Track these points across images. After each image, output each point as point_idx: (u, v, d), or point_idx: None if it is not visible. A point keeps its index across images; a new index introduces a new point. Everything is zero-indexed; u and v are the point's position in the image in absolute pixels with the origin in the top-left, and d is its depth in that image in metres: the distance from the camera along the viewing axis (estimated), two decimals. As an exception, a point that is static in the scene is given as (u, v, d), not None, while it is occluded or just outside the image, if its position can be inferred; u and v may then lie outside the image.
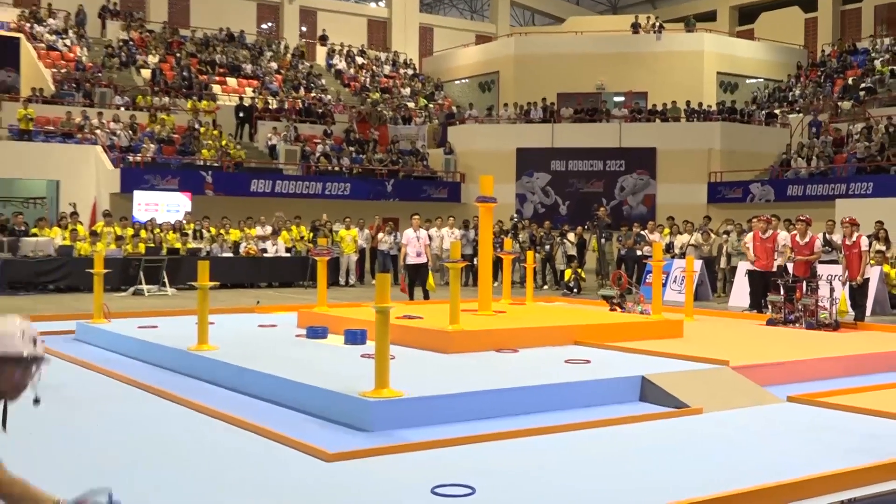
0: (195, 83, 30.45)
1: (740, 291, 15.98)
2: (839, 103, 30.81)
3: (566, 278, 19.65)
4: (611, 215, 23.49)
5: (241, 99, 29.73)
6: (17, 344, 2.76)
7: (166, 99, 28.91)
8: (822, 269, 13.95)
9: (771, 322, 11.81)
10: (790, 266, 13.08)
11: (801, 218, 13.47)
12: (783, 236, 13.77)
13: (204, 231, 21.07)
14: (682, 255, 18.14)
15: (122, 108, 27.65)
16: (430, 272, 15.59)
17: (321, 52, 38.03)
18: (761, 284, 13.61)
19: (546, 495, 4.78)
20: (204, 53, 32.86)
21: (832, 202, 23.01)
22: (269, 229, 21.62)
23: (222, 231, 21.20)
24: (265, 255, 20.83)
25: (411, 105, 34.51)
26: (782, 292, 11.75)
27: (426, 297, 15.15)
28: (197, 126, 27.40)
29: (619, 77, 33.59)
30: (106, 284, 12.63)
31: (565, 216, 28.08)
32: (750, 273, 14.32)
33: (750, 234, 14.45)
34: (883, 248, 16.74)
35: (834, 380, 8.22)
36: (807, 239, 13.08)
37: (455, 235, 21.06)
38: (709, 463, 5.46)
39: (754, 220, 14.49)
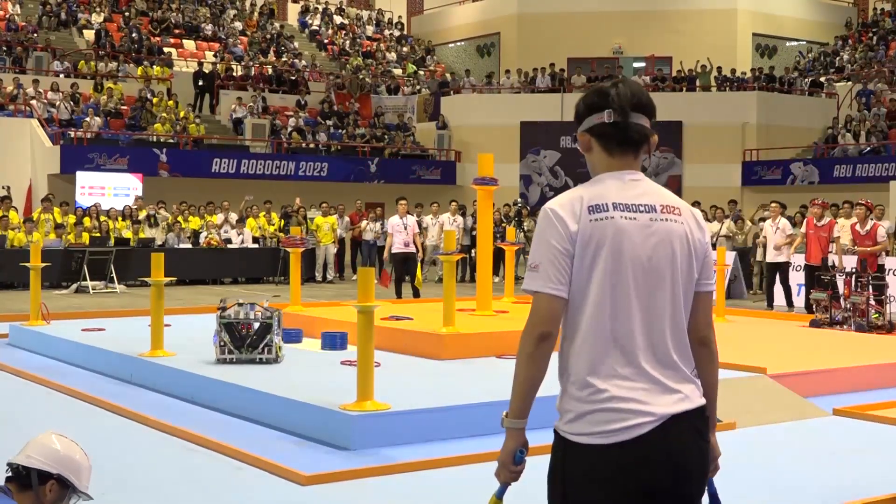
0: (146, 46, 30.35)
1: (780, 290, 15.99)
2: (895, 70, 30.85)
3: (578, 273, 19.65)
4: (630, 200, 23.48)
5: (200, 65, 29.64)
6: (84, 481, 3.08)
7: (113, 65, 28.80)
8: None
9: (815, 323, 11.84)
10: (853, 260, 13.04)
11: (861, 202, 13.31)
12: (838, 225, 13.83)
13: (158, 218, 21.04)
14: (713, 247, 18.18)
15: (62, 76, 27.53)
16: (419, 265, 15.58)
17: (293, 10, 37.88)
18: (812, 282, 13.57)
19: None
20: (157, 12, 32.73)
21: (886, 184, 23.04)
22: (234, 216, 21.58)
23: (179, 218, 21.17)
24: (229, 246, 20.80)
25: (398, 72, 34.45)
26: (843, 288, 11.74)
27: (416, 294, 15.16)
28: (149, 96, 27.30)
29: (638, 39, 33.56)
30: (44, 280, 12.60)
31: (577, 201, 28.02)
32: (788, 268, 14.35)
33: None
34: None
35: (887, 390, 8.25)
36: (868, 227, 12.94)
37: (458, 223, 20.95)
38: (742, 486, 5.48)
39: (811, 204, 14.38)
